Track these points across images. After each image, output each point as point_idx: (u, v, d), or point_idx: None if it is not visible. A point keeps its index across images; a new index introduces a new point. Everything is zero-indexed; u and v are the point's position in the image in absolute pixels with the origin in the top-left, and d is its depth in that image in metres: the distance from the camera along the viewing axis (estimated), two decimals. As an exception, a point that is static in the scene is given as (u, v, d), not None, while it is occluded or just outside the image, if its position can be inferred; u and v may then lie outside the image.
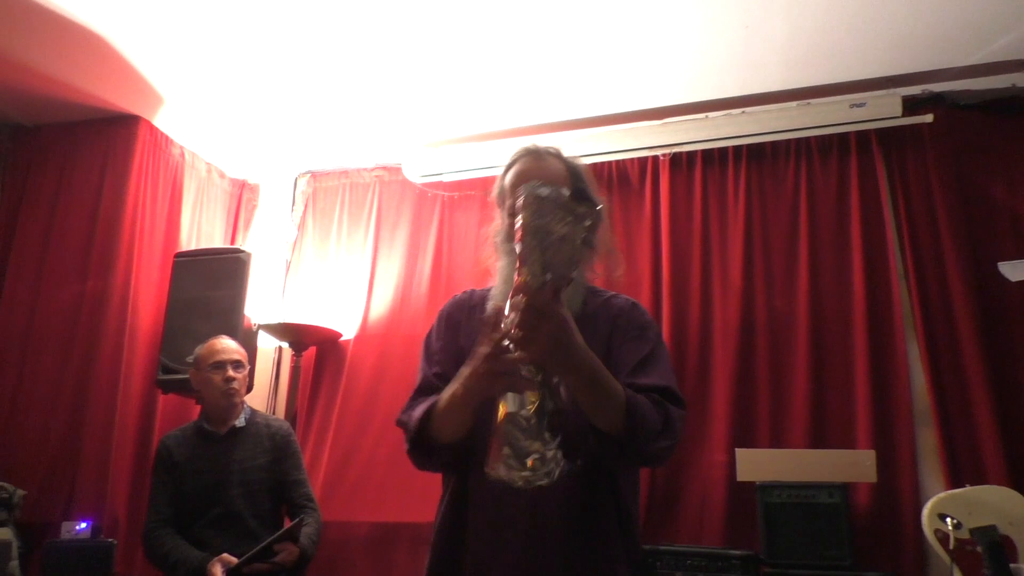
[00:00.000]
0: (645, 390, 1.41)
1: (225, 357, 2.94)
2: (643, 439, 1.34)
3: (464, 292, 1.72)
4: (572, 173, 1.60)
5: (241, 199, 4.37)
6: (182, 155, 4.00)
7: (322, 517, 2.98)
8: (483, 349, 1.26)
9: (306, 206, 4.30)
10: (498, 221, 1.63)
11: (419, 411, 1.47)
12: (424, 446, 1.48)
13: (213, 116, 3.81)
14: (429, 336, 1.69)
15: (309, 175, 4.35)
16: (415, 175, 4.04)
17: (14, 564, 2.98)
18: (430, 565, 1.55)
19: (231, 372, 2.92)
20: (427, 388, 1.58)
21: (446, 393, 1.41)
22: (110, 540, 3.09)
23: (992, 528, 2.63)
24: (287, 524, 2.78)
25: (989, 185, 3.30)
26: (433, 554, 1.55)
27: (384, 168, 4.20)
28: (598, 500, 1.47)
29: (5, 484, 3.20)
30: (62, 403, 3.47)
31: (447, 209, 4.02)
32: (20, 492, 3.25)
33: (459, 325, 1.64)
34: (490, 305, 1.57)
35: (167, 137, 3.91)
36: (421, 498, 3.41)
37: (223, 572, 2.61)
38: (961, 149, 3.36)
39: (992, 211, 3.27)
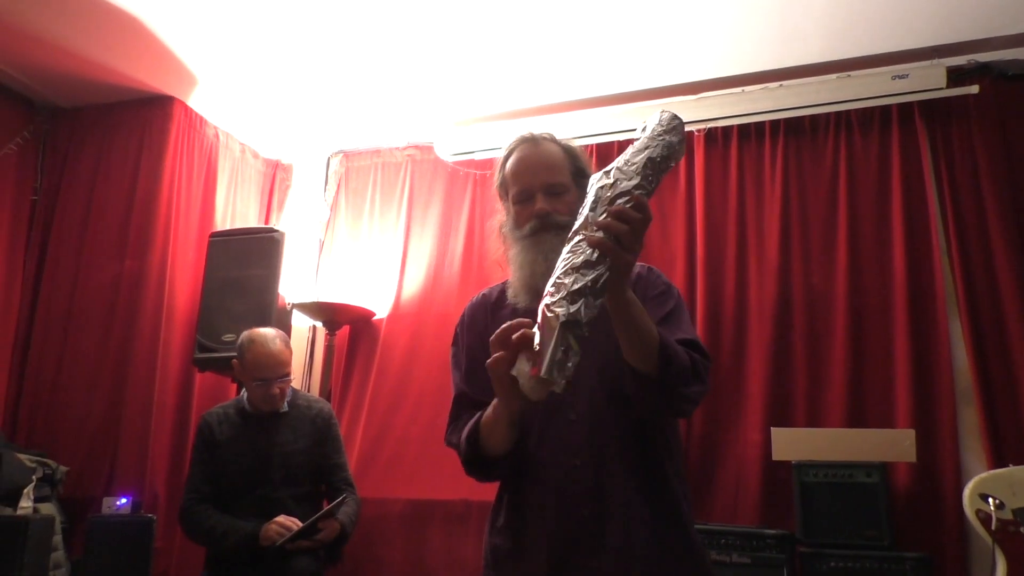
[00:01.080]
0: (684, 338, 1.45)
1: (270, 374, 2.80)
2: (676, 379, 1.36)
3: (478, 295, 1.74)
4: (569, 155, 1.63)
5: (275, 179, 4.40)
6: (216, 136, 4.03)
7: (358, 493, 3.00)
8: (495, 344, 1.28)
9: (339, 186, 4.31)
10: (502, 214, 1.67)
11: (465, 433, 1.50)
12: (479, 464, 1.52)
13: (246, 96, 3.83)
14: (455, 346, 1.71)
15: (341, 155, 4.36)
16: (447, 154, 4.03)
17: (57, 539, 3.06)
18: (494, 542, 1.56)
19: (275, 389, 2.82)
20: (462, 402, 1.61)
21: (486, 412, 1.45)
22: (150, 515, 3.16)
23: (1036, 509, 2.59)
24: (325, 506, 2.81)
25: (1037, 157, 3.20)
26: (496, 531, 1.56)
27: (416, 147, 4.19)
28: (659, 471, 1.49)
29: (48, 461, 3.28)
30: (102, 382, 3.54)
31: (479, 187, 4.00)
32: (63, 468, 3.33)
33: (485, 326, 1.63)
34: (512, 294, 1.57)
35: (201, 118, 3.94)
36: (454, 476, 3.39)
37: (278, 533, 2.63)
38: (1008, 121, 3.25)
39: (1040, 183, 3.18)
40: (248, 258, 3.61)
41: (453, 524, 3.49)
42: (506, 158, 1.65)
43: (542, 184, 1.57)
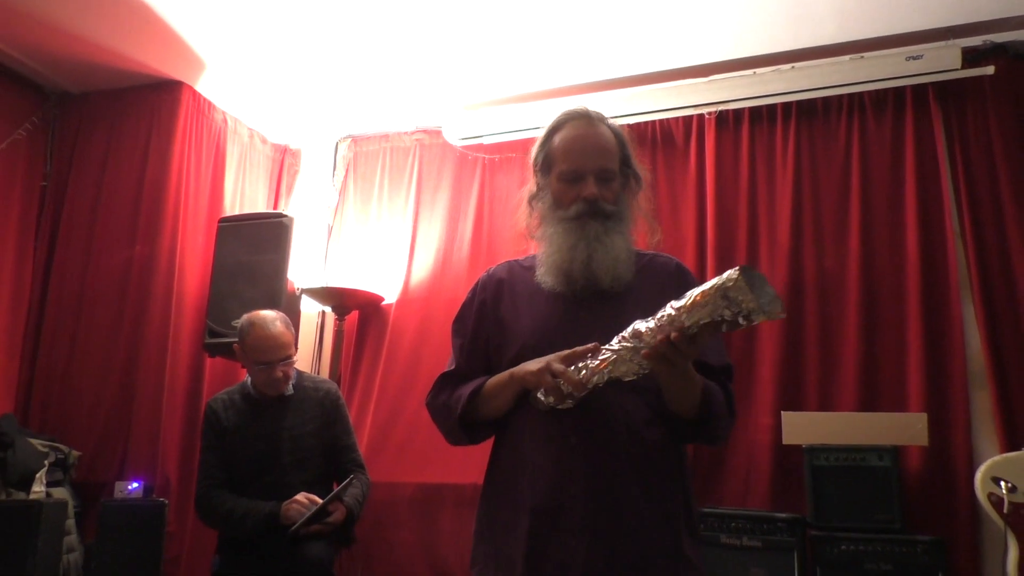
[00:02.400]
0: (711, 370, 1.50)
1: (272, 357, 2.75)
2: (716, 426, 1.47)
3: (502, 264, 1.71)
4: (619, 141, 1.61)
5: (283, 164, 4.40)
6: (224, 121, 4.02)
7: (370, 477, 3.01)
8: (557, 365, 1.38)
9: (347, 170, 4.30)
10: (532, 184, 1.63)
11: (465, 392, 1.54)
12: (467, 424, 1.57)
13: (254, 81, 3.82)
14: (461, 318, 1.69)
15: (350, 139, 4.34)
16: (455, 138, 4.01)
17: (70, 522, 3.08)
18: (484, 520, 1.57)
19: (279, 372, 2.78)
20: (457, 375, 1.63)
21: (494, 382, 1.52)
22: (162, 499, 3.17)
23: (1050, 492, 2.58)
24: (335, 488, 2.82)
25: (1054, 139, 3.16)
26: (487, 505, 1.57)
27: (424, 131, 4.18)
28: (658, 453, 1.48)
29: (61, 445, 3.30)
30: (114, 367, 3.55)
31: (488, 172, 3.99)
32: (75, 453, 3.35)
33: (499, 297, 1.63)
34: (542, 273, 1.55)
35: (210, 103, 3.93)
36: (464, 460, 3.44)
37: (298, 511, 2.62)
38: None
39: (1055, 165, 3.14)
40: (257, 243, 3.60)
41: (463, 508, 3.50)
42: (553, 130, 1.61)
43: (595, 168, 1.54)
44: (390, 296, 3.95)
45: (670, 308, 1.29)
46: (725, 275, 1.21)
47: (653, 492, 1.45)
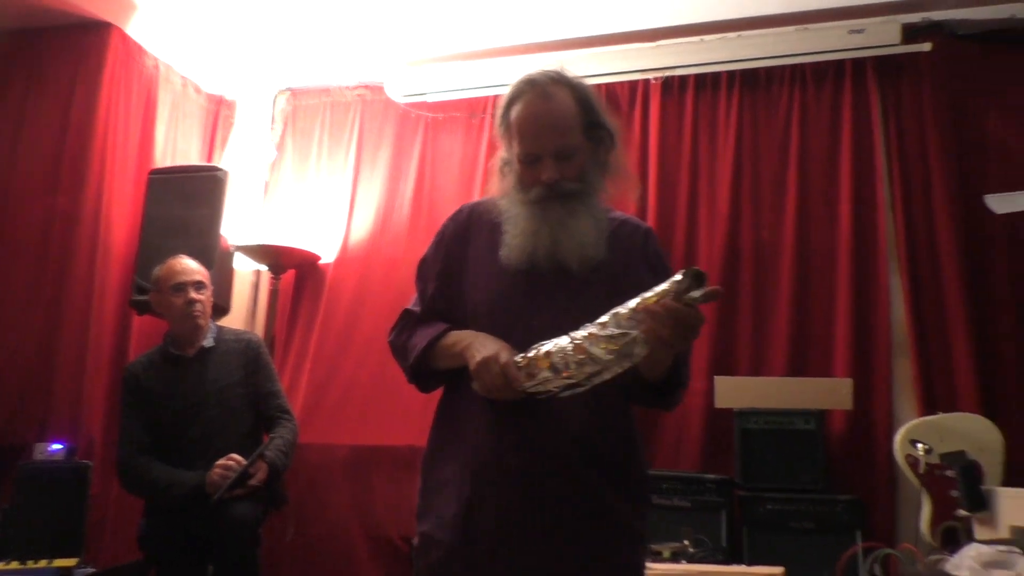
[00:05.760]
0: None
1: (185, 279, 2.84)
2: (678, 395, 1.50)
3: (464, 206, 1.68)
4: (582, 104, 1.53)
5: (218, 116, 4.22)
6: (156, 67, 3.83)
7: (301, 439, 2.98)
8: (509, 369, 1.38)
9: (285, 125, 4.18)
10: (502, 151, 1.59)
11: (422, 343, 1.53)
12: (423, 372, 1.56)
13: (189, 26, 3.65)
14: (426, 259, 1.66)
15: (289, 92, 4.21)
16: (398, 95, 3.93)
17: (-17, 486, 2.96)
18: (426, 475, 1.57)
19: (193, 294, 2.83)
20: (422, 314, 1.61)
21: (452, 341, 1.51)
22: (86, 461, 3.06)
23: (961, 453, 2.71)
24: (265, 440, 2.79)
25: (982, 117, 3.26)
26: (430, 460, 1.57)
27: (366, 87, 4.08)
28: (605, 416, 1.49)
29: (-24, 405, 3.16)
30: (34, 324, 3.38)
31: (431, 130, 3.93)
32: (-8, 413, 3.21)
33: (467, 238, 1.61)
34: (506, 253, 1.51)
35: (140, 47, 3.74)
36: (402, 421, 3.43)
37: (222, 476, 2.60)
38: (957, 79, 3.30)
39: (983, 143, 3.25)
40: (189, 197, 3.49)
41: (400, 470, 3.48)
42: (510, 103, 1.54)
43: (552, 148, 1.49)
44: (328, 255, 3.88)
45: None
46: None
47: (597, 454, 1.46)
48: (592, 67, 3.60)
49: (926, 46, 3.28)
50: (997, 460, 2.77)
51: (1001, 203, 2.95)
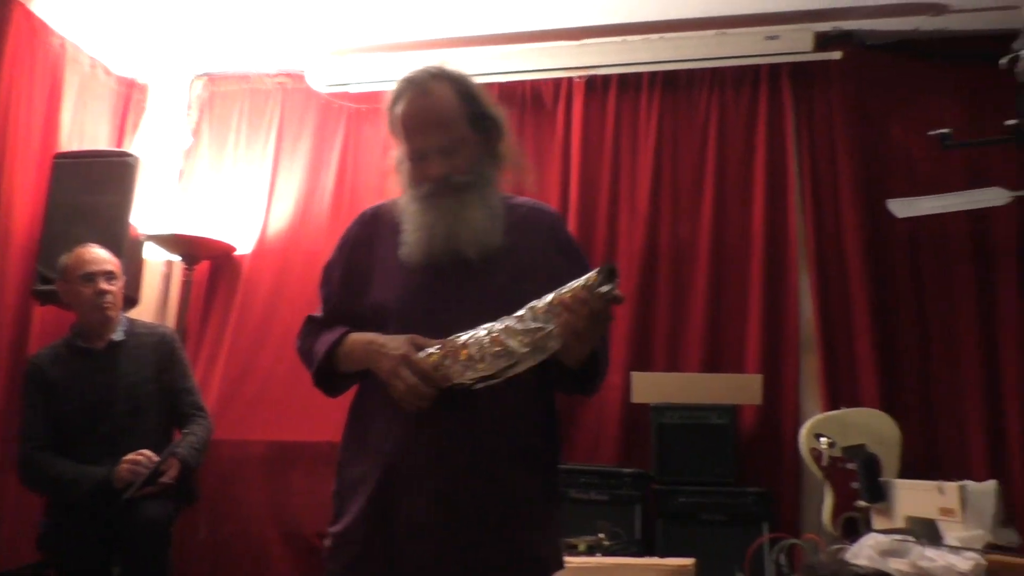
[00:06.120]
0: None
1: (95, 268, 2.74)
2: (599, 382, 1.52)
3: (369, 209, 1.67)
4: (464, 97, 1.53)
5: (129, 99, 4.06)
6: (63, 47, 3.65)
7: (215, 435, 2.90)
8: (411, 358, 1.38)
9: (201, 111, 4.05)
10: (398, 151, 1.58)
11: (322, 349, 1.53)
12: (327, 377, 1.56)
13: (98, 5, 3.48)
14: (330, 264, 1.66)
15: (205, 78, 4.08)
16: (320, 84, 3.86)
17: None
18: (340, 473, 1.55)
19: (103, 284, 2.73)
20: (325, 319, 1.61)
21: (350, 347, 1.51)
22: (-20, 459, 2.93)
23: (862, 447, 2.84)
24: (178, 437, 2.71)
25: (888, 124, 3.42)
26: (343, 458, 1.56)
27: (287, 75, 3.98)
28: (515, 407, 1.49)
29: None
30: (-75, 312, 3.20)
31: (353, 122, 3.87)
32: None
33: (371, 241, 1.60)
34: (406, 250, 1.51)
35: (45, 25, 3.55)
36: (321, 416, 3.35)
37: (131, 471, 2.51)
38: (865, 87, 3.45)
39: (888, 150, 3.41)
40: (97, 183, 3.36)
41: (318, 466, 3.43)
42: (394, 102, 1.54)
43: (436, 144, 1.49)
44: (244, 246, 3.78)
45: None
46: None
47: (513, 446, 1.46)
48: (517, 63, 3.62)
49: (836, 54, 3.41)
50: (894, 453, 2.91)
51: (903, 208, 3.09)
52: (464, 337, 1.37)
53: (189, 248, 3.61)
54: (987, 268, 3.24)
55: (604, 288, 1.29)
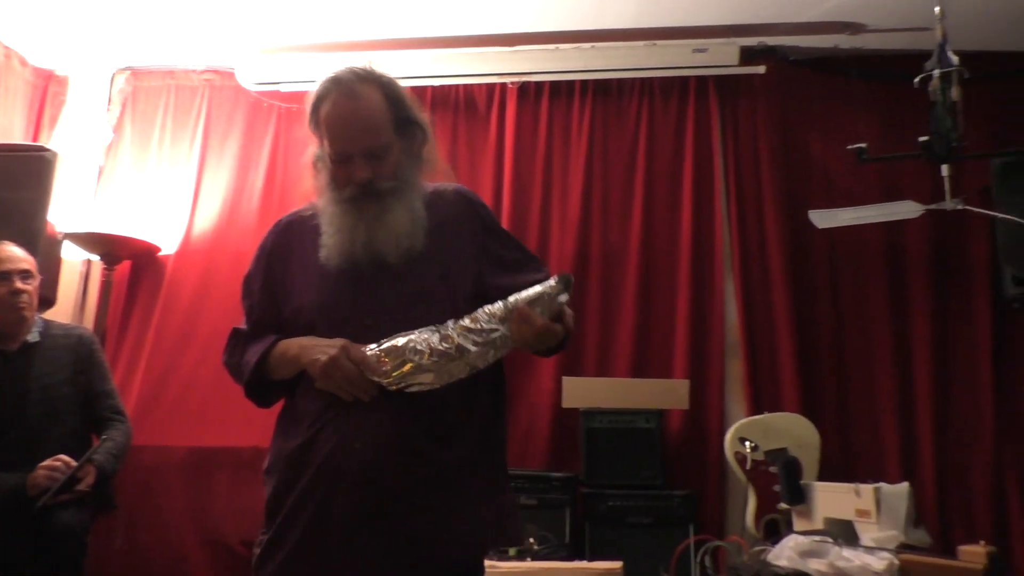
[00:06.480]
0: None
1: (10, 267, 2.62)
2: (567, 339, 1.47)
3: (283, 217, 1.66)
4: (391, 101, 1.52)
5: (46, 92, 3.90)
6: (-27, 35, 3.50)
7: (135, 440, 2.80)
8: (348, 353, 1.38)
9: (124, 106, 3.91)
10: (316, 147, 1.56)
11: (252, 359, 1.51)
12: (259, 388, 1.55)
13: (11, -9, 3.34)
14: (249, 276, 1.63)
15: (129, 72, 3.95)
16: (250, 82, 3.77)
17: None
18: (269, 472, 1.52)
19: (19, 283, 2.61)
20: (250, 331, 1.59)
21: (282, 349, 1.49)
22: None
23: (784, 450, 2.92)
24: (96, 442, 2.61)
25: (808, 137, 3.55)
26: (272, 458, 1.53)
27: (215, 72, 3.89)
28: (457, 410, 1.48)
29: None
30: None
31: (284, 121, 3.80)
32: None
33: (289, 248, 1.58)
34: (325, 253, 1.49)
35: (-47, 11, 3.40)
36: (246, 421, 3.29)
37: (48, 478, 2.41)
38: (788, 101, 3.58)
39: (809, 162, 3.54)
40: (11, 178, 3.22)
41: (242, 471, 3.35)
42: (318, 101, 1.50)
43: (362, 148, 1.47)
44: (168, 246, 3.67)
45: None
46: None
47: (451, 441, 1.45)
48: (451, 67, 3.62)
49: (761, 69, 3.52)
50: (814, 457, 3.01)
51: (822, 218, 3.20)
52: (400, 340, 1.38)
53: (109, 247, 3.49)
54: (901, 278, 3.39)
55: (563, 297, 1.35)
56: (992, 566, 2.25)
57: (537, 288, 1.37)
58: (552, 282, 1.38)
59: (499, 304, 1.38)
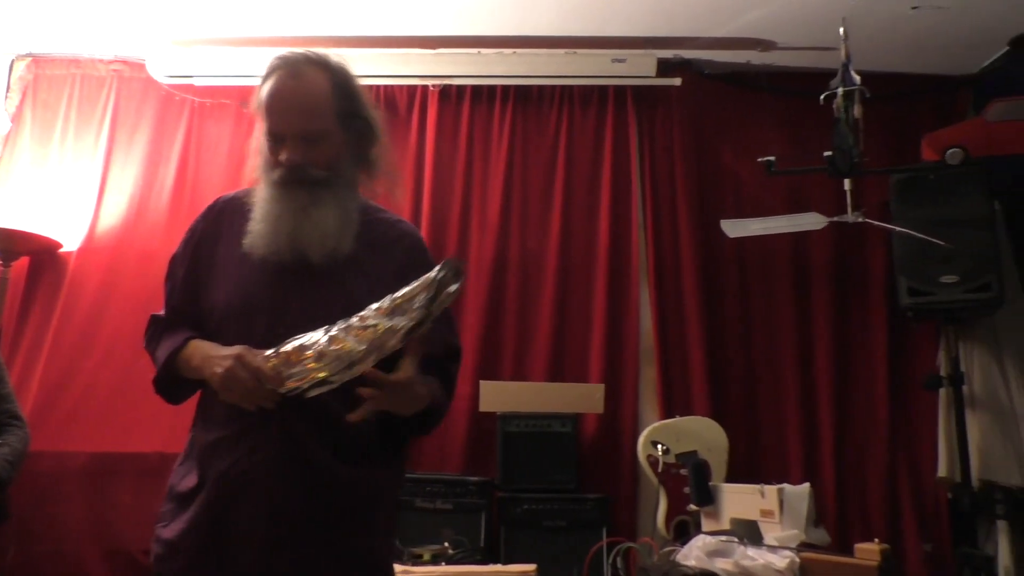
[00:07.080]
0: (447, 347, 1.54)
1: None
2: (434, 423, 1.50)
3: (219, 199, 1.59)
4: (339, 90, 1.46)
5: (-63, 77, 3.68)
6: None
7: (32, 447, 2.67)
8: (252, 364, 1.32)
9: (24, 94, 3.72)
10: (259, 135, 1.50)
11: (163, 356, 1.47)
12: (168, 385, 1.51)
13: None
14: (175, 258, 1.57)
15: (29, 59, 3.75)
16: (161, 74, 3.64)
17: None
18: (174, 479, 1.49)
19: None
20: (167, 318, 1.54)
21: (189, 353, 1.44)
22: None
23: (694, 453, 3.01)
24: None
25: (720, 149, 3.67)
26: (179, 465, 1.50)
27: (124, 62, 3.73)
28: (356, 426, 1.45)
29: None
30: None
31: (197, 116, 3.68)
32: None
33: (218, 235, 1.53)
34: (250, 241, 1.44)
35: None
36: (151, 426, 3.19)
37: None
38: (702, 113, 3.68)
39: (720, 173, 3.65)
40: None
41: (145, 479, 3.22)
42: (263, 80, 1.46)
43: (296, 130, 1.42)
44: (71, 243, 3.50)
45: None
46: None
47: (352, 448, 1.42)
48: (372, 67, 3.57)
49: (676, 81, 3.61)
50: (722, 459, 3.10)
51: (733, 228, 3.30)
52: (300, 340, 1.33)
53: (6, 242, 3.31)
54: (805, 286, 3.54)
55: (453, 287, 1.27)
56: (886, 563, 2.37)
57: (423, 278, 1.28)
58: (438, 268, 1.28)
59: (386, 299, 1.30)
